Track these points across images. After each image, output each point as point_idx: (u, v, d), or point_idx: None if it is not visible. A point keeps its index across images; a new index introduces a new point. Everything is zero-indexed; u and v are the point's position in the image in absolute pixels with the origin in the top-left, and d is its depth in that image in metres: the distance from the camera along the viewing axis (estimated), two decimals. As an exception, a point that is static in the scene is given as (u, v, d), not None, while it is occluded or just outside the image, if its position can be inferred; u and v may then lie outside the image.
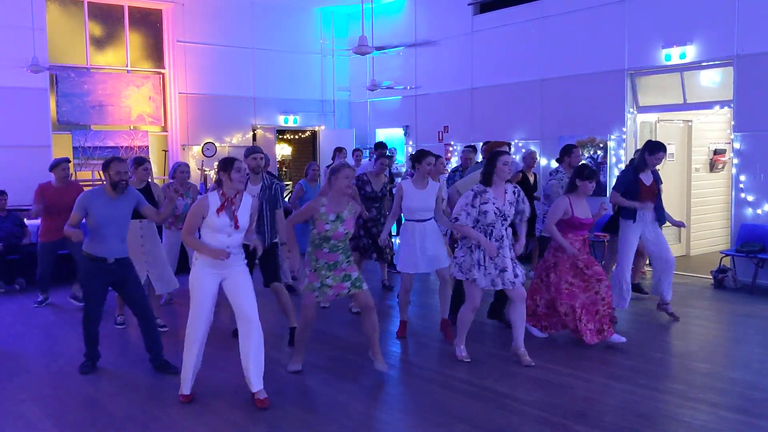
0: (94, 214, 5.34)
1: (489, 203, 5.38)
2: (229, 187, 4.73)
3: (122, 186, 5.37)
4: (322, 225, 5.03)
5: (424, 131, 13.51)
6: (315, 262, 5.14)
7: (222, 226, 4.68)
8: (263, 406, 4.74)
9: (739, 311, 7.49)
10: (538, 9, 11.25)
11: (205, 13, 13.45)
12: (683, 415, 4.58)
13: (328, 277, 5.15)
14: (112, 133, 12.76)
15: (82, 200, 5.37)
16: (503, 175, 5.41)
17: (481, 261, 5.45)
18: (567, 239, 6.03)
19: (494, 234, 5.44)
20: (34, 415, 4.74)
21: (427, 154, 6.28)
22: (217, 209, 4.66)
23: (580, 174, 6.05)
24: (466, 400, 4.89)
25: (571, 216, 6.01)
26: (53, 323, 7.22)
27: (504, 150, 5.61)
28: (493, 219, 5.39)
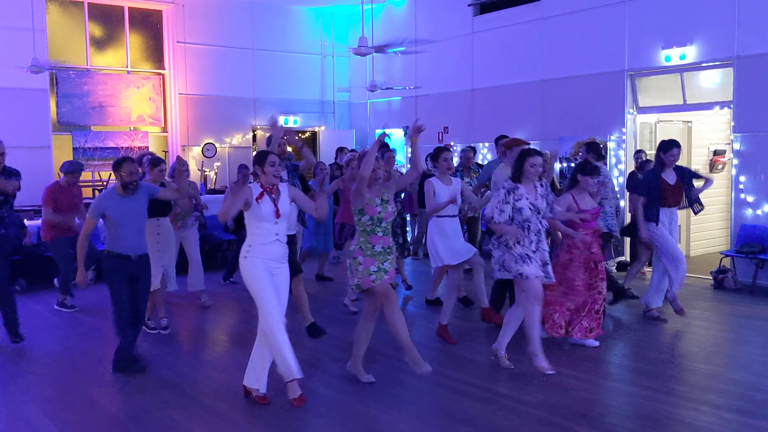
0: (111, 216, 5.46)
1: (523, 199, 5.41)
2: (265, 179, 4.86)
3: (133, 187, 5.50)
4: (373, 209, 5.11)
5: (424, 132, 13.40)
6: (371, 250, 5.15)
7: (266, 214, 4.79)
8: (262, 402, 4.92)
9: (739, 312, 7.50)
10: (538, 10, 11.26)
11: (205, 13, 13.46)
12: (684, 416, 4.58)
13: (386, 260, 5.19)
14: (112, 133, 12.77)
15: (96, 206, 5.47)
16: (530, 177, 5.45)
17: (526, 254, 5.42)
18: (578, 233, 6.05)
19: (531, 229, 5.44)
20: (35, 417, 4.74)
21: (443, 150, 6.43)
22: (256, 197, 4.79)
23: (581, 169, 6.11)
24: (467, 402, 4.89)
25: (578, 210, 6.05)
26: (54, 324, 7.22)
27: (531, 150, 5.60)
28: (529, 214, 5.41)
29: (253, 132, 14.29)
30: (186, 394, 5.12)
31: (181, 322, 7.34)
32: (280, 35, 14.25)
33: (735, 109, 8.93)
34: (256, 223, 4.82)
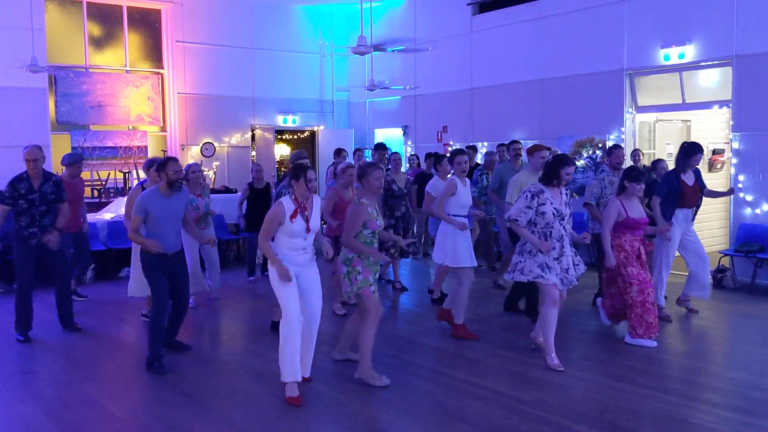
0: (153, 213, 5.55)
1: (547, 204, 5.43)
2: (300, 193, 4.89)
3: (179, 185, 5.65)
4: (374, 223, 5.17)
5: (423, 131, 13.53)
6: (367, 260, 5.19)
7: (299, 230, 4.88)
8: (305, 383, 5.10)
9: (738, 311, 7.50)
10: (537, 9, 11.26)
11: (204, 13, 13.46)
12: (683, 414, 4.58)
13: (377, 271, 5.27)
14: (111, 133, 12.77)
15: (141, 202, 5.54)
16: (562, 183, 5.50)
17: (547, 262, 5.46)
18: (626, 237, 6.15)
19: (554, 234, 5.46)
20: (34, 415, 4.74)
21: (459, 153, 6.47)
22: (290, 216, 4.83)
23: (627, 176, 6.17)
24: (465, 400, 4.89)
25: (626, 217, 6.11)
26: (53, 323, 7.20)
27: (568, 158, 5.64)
28: (551, 219, 5.43)
29: (252, 131, 14.29)
30: (185, 394, 5.11)
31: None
32: (279, 35, 14.26)
33: (734, 108, 8.94)
34: (287, 237, 4.90)
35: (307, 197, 4.93)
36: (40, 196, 6.48)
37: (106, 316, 7.59)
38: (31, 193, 6.44)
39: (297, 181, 4.90)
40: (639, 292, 6.09)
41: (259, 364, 5.74)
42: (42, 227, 6.49)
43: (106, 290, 8.98)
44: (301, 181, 4.89)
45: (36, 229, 6.47)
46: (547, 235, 5.47)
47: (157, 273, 5.64)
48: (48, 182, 6.55)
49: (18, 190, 6.39)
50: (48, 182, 6.55)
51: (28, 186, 6.44)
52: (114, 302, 8.29)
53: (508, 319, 7.09)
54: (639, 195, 6.22)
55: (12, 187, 6.40)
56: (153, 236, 5.59)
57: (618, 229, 6.21)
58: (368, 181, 5.24)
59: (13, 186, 6.40)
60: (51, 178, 6.61)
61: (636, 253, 6.22)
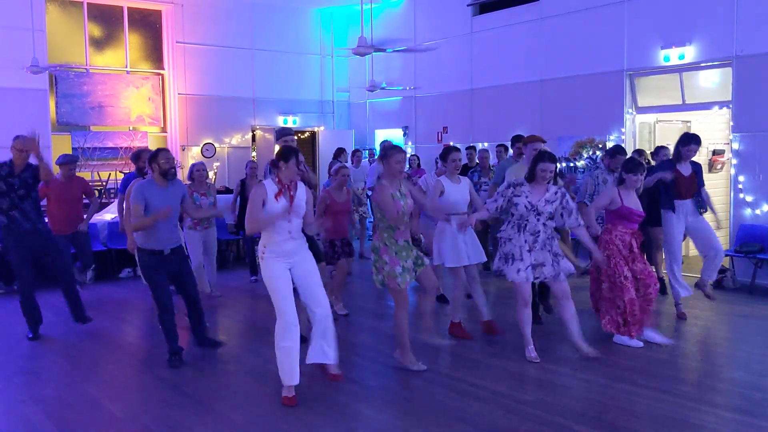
0: (150, 204, 5.48)
1: (521, 196, 5.48)
2: (286, 175, 4.79)
3: (172, 173, 5.61)
4: (398, 203, 5.13)
5: (424, 132, 13.53)
6: (395, 245, 5.18)
7: (282, 210, 4.76)
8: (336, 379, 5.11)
9: (738, 311, 7.50)
10: (537, 10, 11.27)
11: (204, 14, 13.47)
12: (683, 415, 4.58)
13: (408, 258, 5.24)
14: (112, 133, 12.78)
15: (140, 190, 5.49)
16: (540, 180, 5.52)
17: (513, 255, 5.50)
18: (618, 232, 6.07)
19: (528, 228, 5.53)
20: (35, 416, 4.74)
21: (452, 151, 6.37)
22: (275, 194, 4.76)
23: (625, 167, 6.15)
24: (466, 401, 4.89)
25: (621, 205, 6.04)
26: (53, 323, 7.21)
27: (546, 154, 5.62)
28: (524, 212, 5.48)
29: (252, 132, 14.30)
30: (185, 394, 5.12)
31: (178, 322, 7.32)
32: (279, 35, 14.26)
33: (734, 109, 8.94)
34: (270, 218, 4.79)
35: (292, 180, 4.82)
36: (20, 181, 6.40)
37: (106, 316, 7.59)
38: (11, 176, 6.37)
39: (286, 163, 4.76)
40: (609, 290, 6.10)
41: (259, 364, 5.74)
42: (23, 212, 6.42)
43: (106, 291, 8.99)
44: (291, 163, 4.76)
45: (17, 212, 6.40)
46: (521, 227, 5.55)
47: (155, 272, 5.60)
48: (29, 170, 6.46)
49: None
50: (29, 170, 6.46)
51: (8, 170, 6.38)
52: (114, 302, 8.31)
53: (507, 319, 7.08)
54: (637, 187, 6.16)
55: None
56: (149, 231, 5.53)
57: (610, 219, 6.13)
58: (389, 164, 5.21)
59: None
60: (31, 167, 6.51)
61: (627, 248, 6.09)
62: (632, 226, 6.15)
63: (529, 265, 5.53)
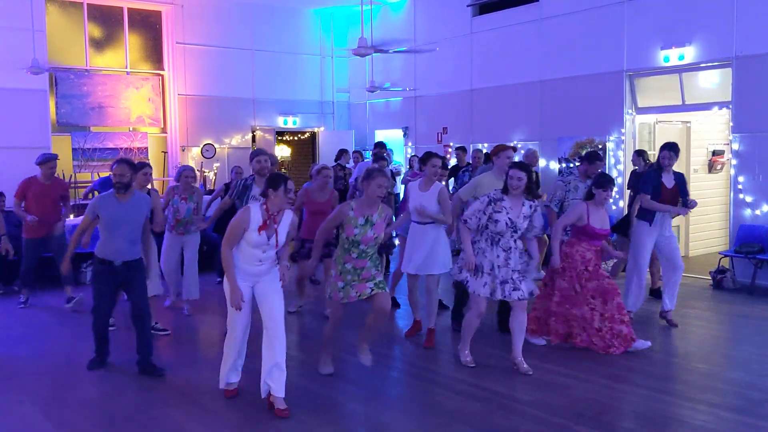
0: (103, 216, 5.37)
1: (503, 212, 5.29)
2: (275, 204, 4.61)
3: (118, 187, 5.33)
4: (350, 229, 4.96)
5: (424, 132, 13.53)
6: (342, 266, 5.08)
7: (260, 243, 4.60)
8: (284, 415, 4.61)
9: (737, 312, 7.50)
10: (537, 10, 11.27)
11: (204, 14, 13.47)
12: (682, 415, 4.58)
13: (354, 281, 5.09)
14: (112, 134, 12.78)
15: (92, 205, 5.43)
16: (512, 190, 5.31)
17: (483, 268, 5.38)
18: (581, 247, 5.97)
19: (501, 243, 5.34)
20: (33, 416, 4.74)
21: (432, 156, 6.20)
22: (259, 227, 4.56)
23: (596, 182, 5.99)
24: (465, 401, 4.89)
25: (586, 224, 5.91)
26: (52, 324, 7.22)
27: (518, 162, 5.52)
28: (503, 229, 5.29)
29: (252, 133, 14.30)
30: (183, 394, 5.12)
31: (179, 322, 7.33)
32: (279, 36, 14.27)
33: (733, 110, 8.94)
34: (246, 247, 4.63)
35: (281, 208, 4.64)
36: None
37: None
38: None
39: (275, 191, 4.56)
40: (558, 305, 6.04)
41: (257, 365, 5.71)
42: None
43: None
44: (279, 191, 4.56)
45: None
46: (493, 242, 5.36)
47: (99, 281, 5.50)
48: None
49: None
50: None
51: None
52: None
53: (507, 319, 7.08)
54: (606, 203, 6.02)
55: None
56: (103, 241, 5.44)
57: (574, 233, 6.03)
58: (369, 185, 5.00)
59: None
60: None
61: (586, 265, 5.97)
62: (596, 244, 6.01)
63: (495, 281, 5.35)
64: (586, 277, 5.97)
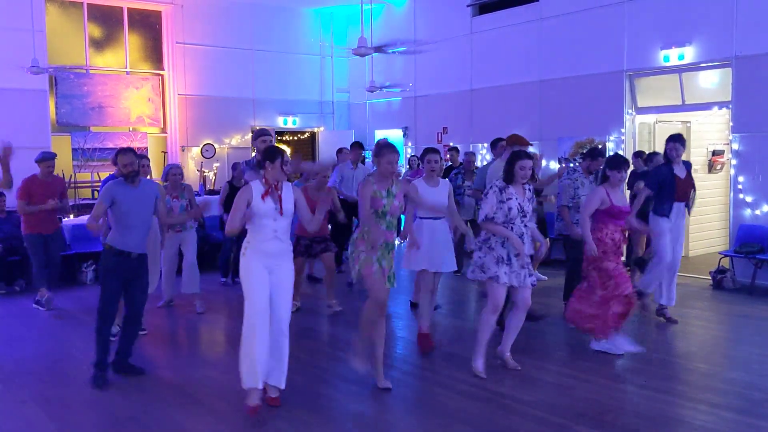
0: (120, 201, 5.25)
1: (512, 199, 5.36)
2: (272, 175, 4.69)
3: (132, 175, 5.31)
4: (378, 201, 5.00)
5: (424, 132, 13.53)
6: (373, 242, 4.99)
7: (267, 210, 4.65)
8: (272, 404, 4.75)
9: (737, 312, 7.51)
10: (537, 10, 11.27)
11: (204, 14, 13.47)
12: (682, 415, 4.59)
13: (384, 259, 5.05)
14: (112, 134, 12.77)
15: (107, 190, 5.26)
16: (518, 179, 5.38)
17: (505, 258, 5.37)
18: (608, 230, 5.97)
19: (514, 230, 5.36)
20: (35, 416, 4.75)
21: (429, 152, 6.24)
22: (261, 195, 4.65)
23: (609, 164, 6.08)
24: (466, 401, 4.90)
25: (610, 205, 5.95)
26: (53, 324, 7.23)
27: (522, 152, 5.51)
28: (515, 215, 5.35)
29: (252, 133, 14.30)
30: (185, 394, 5.12)
31: (179, 322, 7.34)
32: (279, 36, 14.26)
33: (733, 110, 8.95)
34: (257, 220, 4.67)
35: (278, 179, 4.69)
36: None
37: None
38: None
39: (272, 163, 4.66)
40: (615, 286, 5.97)
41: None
42: None
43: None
44: (277, 163, 4.65)
45: None
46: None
47: (112, 278, 5.35)
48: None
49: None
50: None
51: None
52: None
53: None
54: (621, 184, 6.08)
55: None
56: (120, 230, 5.31)
57: (600, 218, 6.02)
58: (380, 163, 5.07)
59: None
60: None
61: (617, 245, 6.02)
62: (621, 224, 6.07)
63: (514, 269, 5.35)
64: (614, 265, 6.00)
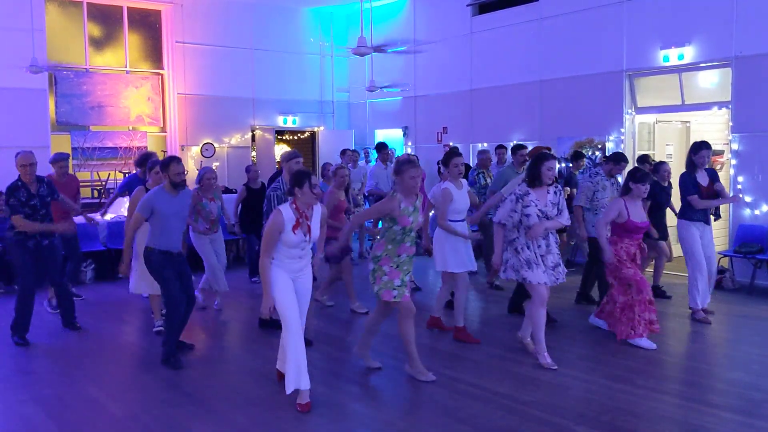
0: (160, 211, 5.62)
1: (531, 206, 5.44)
2: (303, 201, 4.69)
3: (182, 184, 5.74)
4: (405, 219, 5.03)
5: (424, 132, 13.53)
6: (397, 258, 5.10)
7: (297, 242, 4.70)
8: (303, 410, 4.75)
9: (737, 312, 7.51)
10: (536, 10, 11.27)
11: (204, 13, 13.46)
12: (682, 415, 4.59)
13: (408, 272, 5.18)
14: (111, 133, 12.77)
15: (147, 201, 5.64)
16: (545, 180, 5.47)
17: (532, 260, 5.50)
18: (624, 244, 6.09)
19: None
20: (35, 415, 4.75)
21: (454, 155, 6.30)
22: (292, 227, 4.64)
23: (633, 177, 6.11)
24: (466, 401, 4.90)
25: (627, 219, 6.03)
26: (53, 322, 7.22)
27: (548, 153, 5.61)
28: (536, 221, 5.44)
29: (252, 132, 14.30)
30: (186, 394, 5.13)
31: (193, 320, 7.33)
32: (279, 35, 14.26)
33: (733, 110, 8.95)
34: (284, 247, 4.70)
35: (309, 205, 4.73)
36: (40, 200, 6.48)
37: (106, 316, 7.60)
38: (32, 199, 6.42)
39: (300, 189, 4.64)
40: (638, 292, 6.09)
41: (260, 365, 5.75)
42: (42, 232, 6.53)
43: (107, 290, 9.00)
44: (305, 188, 4.63)
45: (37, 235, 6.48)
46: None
47: (165, 270, 5.71)
48: (42, 185, 6.56)
49: (19, 198, 6.34)
50: (42, 185, 6.56)
51: (26, 193, 6.39)
52: (114, 302, 8.31)
53: (507, 319, 7.10)
54: (643, 197, 6.19)
55: (13, 198, 6.33)
56: (159, 235, 5.68)
57: (616, 232, 6.15)
58: (402, 180, 5.07)
59: (13, 196, 6.33)
60: (43, 180, 6.62)
61: (632, 258, 6.18)
62: (638, 238, 6.18)
63: (548, 269, 5.54)
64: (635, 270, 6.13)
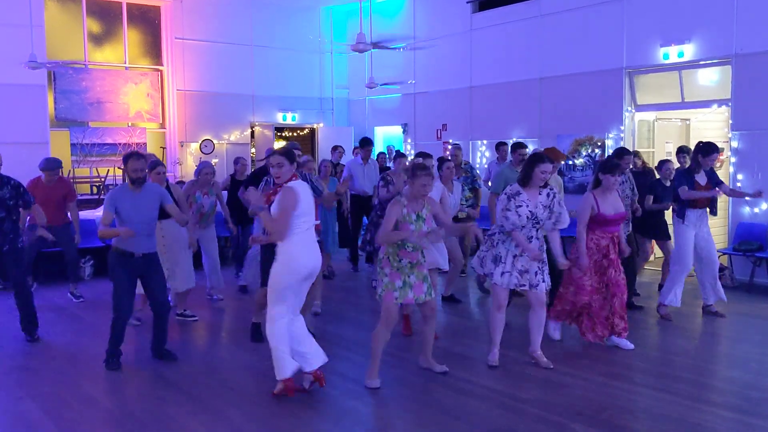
0: (122, 210, 5.49)
1: (523, 206, 5.34)
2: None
3: (140, 181, 5.53)
4: (406, 226, 5.02)
5: (423, 129, 13.52)
6: (398, 262, 5.07)
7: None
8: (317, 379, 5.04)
9: (736, 310, 7.50)
10: (536, 7, 11.25)
11: (203, 10, 13.44)
12: (681, 413, 4.59)
13: (412, 274, 5.10)
14: (110, 130, 12.76)
15: (109, 199, 5.51)
16: (537, 182, 5.38)
17: (501, 257, 5.41)
18: (594, 235, 5.93)
19: (522, 233, 5.38)
20: (32, 413, 4.74)
21: (446, 161, 6.55)
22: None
23: (602, 167, 5.98)
24: (464, 399, 4.90)
25: (597, 213, 5.89)
26: (51, 320, 7.22)
27: (544, 156, 5.51)
28: (525, 222, 5.34)
29: (251, 128, 14.28)
30: (183, 392, 5.12)
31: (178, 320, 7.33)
32: (278, 32, 14.23)
33: (733, 107, 8.94)
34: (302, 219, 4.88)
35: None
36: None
37: (104, 313, 7.57)
38: None
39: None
40: (574, 293, 6.01)
41: (256, 362, 5.75)
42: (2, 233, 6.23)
43: (105, 287, 8.97)
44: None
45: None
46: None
47: (119, 270, 5.53)
48: (5, 186, 6.21)
49: None
50: (5, 186, 6.21)
51: None
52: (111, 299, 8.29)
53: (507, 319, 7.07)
54: (615, 188, 6.01)
55: None
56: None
57: (588, 224, 5.96)
58: (413, 185, 5.07)
59: None
60: (9, 182, 6.27)
61: (603, 252, 5.95)
62: (611, 230, 5.96)
63: (513, 271, 5.38)
64: (605, 265, 5.95)
